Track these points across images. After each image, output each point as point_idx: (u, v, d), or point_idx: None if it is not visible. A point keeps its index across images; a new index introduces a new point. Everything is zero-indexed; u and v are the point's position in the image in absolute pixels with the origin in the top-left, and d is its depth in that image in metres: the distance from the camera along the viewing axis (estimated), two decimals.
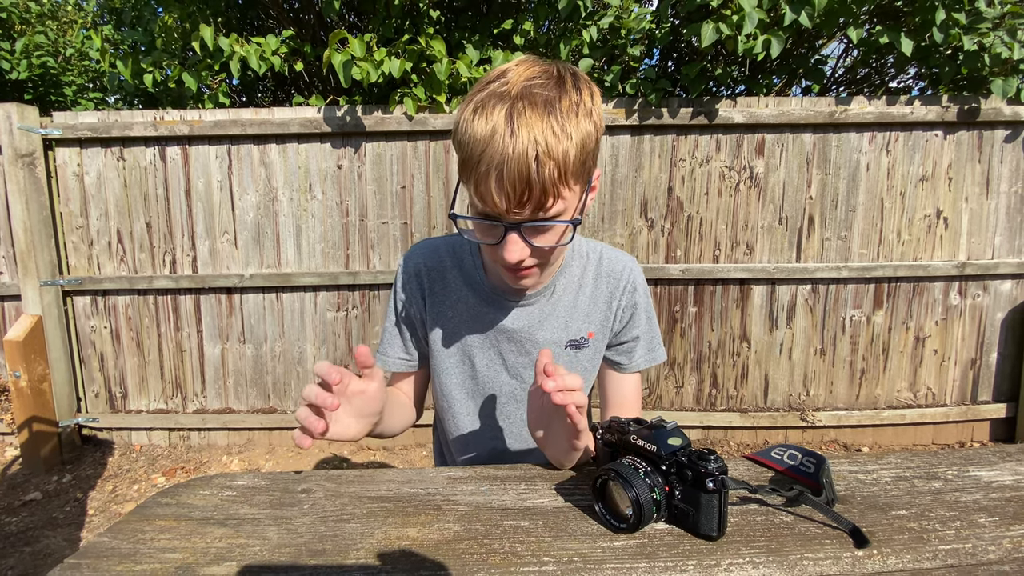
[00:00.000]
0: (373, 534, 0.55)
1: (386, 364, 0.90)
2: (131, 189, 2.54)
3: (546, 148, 0.58)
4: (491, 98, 0.60)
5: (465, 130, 0.61)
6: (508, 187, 0.59)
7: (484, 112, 0.60)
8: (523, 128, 0.58)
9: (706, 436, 2.73)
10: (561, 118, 0.59)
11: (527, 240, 0.65)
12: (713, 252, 2.60)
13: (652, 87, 2.39)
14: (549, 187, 0.60)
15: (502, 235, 0.65)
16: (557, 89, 0.61)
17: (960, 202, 2.55)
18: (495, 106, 0.59)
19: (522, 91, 0.60)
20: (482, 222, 0.66)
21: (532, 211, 0.62)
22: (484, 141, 0.59)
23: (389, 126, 2.47)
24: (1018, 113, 2.44)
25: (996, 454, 0.72)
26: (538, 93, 0.60)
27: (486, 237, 0.69)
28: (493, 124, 0.59)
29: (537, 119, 0.58)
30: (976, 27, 2.22)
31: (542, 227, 0.65)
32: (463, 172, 0.64)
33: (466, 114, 0.62)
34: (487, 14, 2.96)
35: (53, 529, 2.09)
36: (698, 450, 0.54)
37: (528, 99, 0.59)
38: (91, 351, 2.67)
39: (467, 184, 0.64)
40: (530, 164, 0.58)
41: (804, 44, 2.78)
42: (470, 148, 0.61)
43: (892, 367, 2.68)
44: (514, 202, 0.60)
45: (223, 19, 2.98)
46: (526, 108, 0.58)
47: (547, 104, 0.59)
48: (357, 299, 2.64)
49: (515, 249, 0.65)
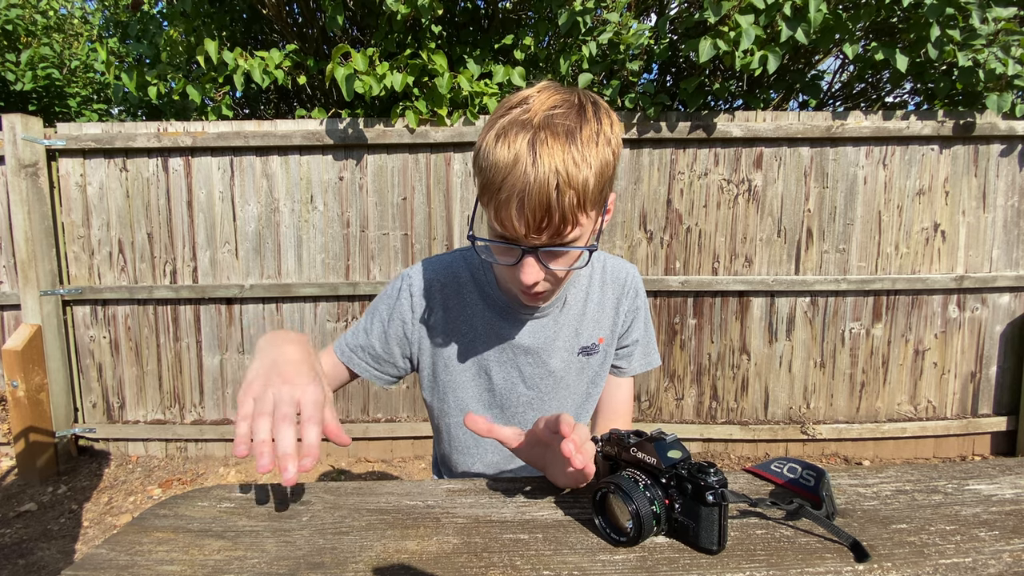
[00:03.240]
0: (372, 547, 0.55)
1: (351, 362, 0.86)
2: (133, 199, 2.56)
3: (566, 177, 0.59)
4: (513, 125, 0.61)
5: (487, 156, 0.62)
6: (528, 214, 0.60)
7: (507, 139, 0.61)
8: (544, 157, 0.59)
9: (706, 449, 2.71)
10: (581, 147, 0.60)
11: (543, 264, 0.66)
12: (712, 264, 2.61)
13: (651, 101, 2.42)
14: (568, 215, 0.61)
15: (519, 258, 0.66)
16: (578, 118, 0.62)
17: (957, 216, 2.57)
18: (517, 134, 0.61)
19: (544, 120, 0.61)
20: (500, 244, 0.67)
21: (550, 237, 0.63)
22: (506, 168, 0.60)
23: (391, 138, 2.49)
24: (1013, 128, 2.46)
25: (996, 467, 0.72)
26: (560, 123, 0.61)
27: (503, 258, 0.70)
28: (515, 152, 0.60)
29: (559, 148, 0.59)
30: (970, 43, 2.25)
31: (558, 252, 0.66)
32: (484, 196, 0.65)
33: (488, 139, 0.63)
34: (488, 29, 3.00)
35: (48, 541, 2.07)
36: (698, 463, 0.54)
37: (550, 128, 0.60)
38: (89, 361, 2.66)
39: (487, 208, 0.65)
40: (550, 192, 0.59)
41: (801, 60, 2.81)
42: (492, 174, 0.62)
43: (892, 380, 2.67)
44: (533, 228, 0.62)
45: (228, 33, 3.02)
46: (548, 137, 0.60)
47: (568, 134, 0.60)
48: (357, 310, 2.64)
49: (531, 272, 0.66)
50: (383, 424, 2.70)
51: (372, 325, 0.86)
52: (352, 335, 0.87)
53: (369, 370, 0.87)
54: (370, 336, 0.86)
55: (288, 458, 0.53)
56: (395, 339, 0.86)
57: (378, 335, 0.86)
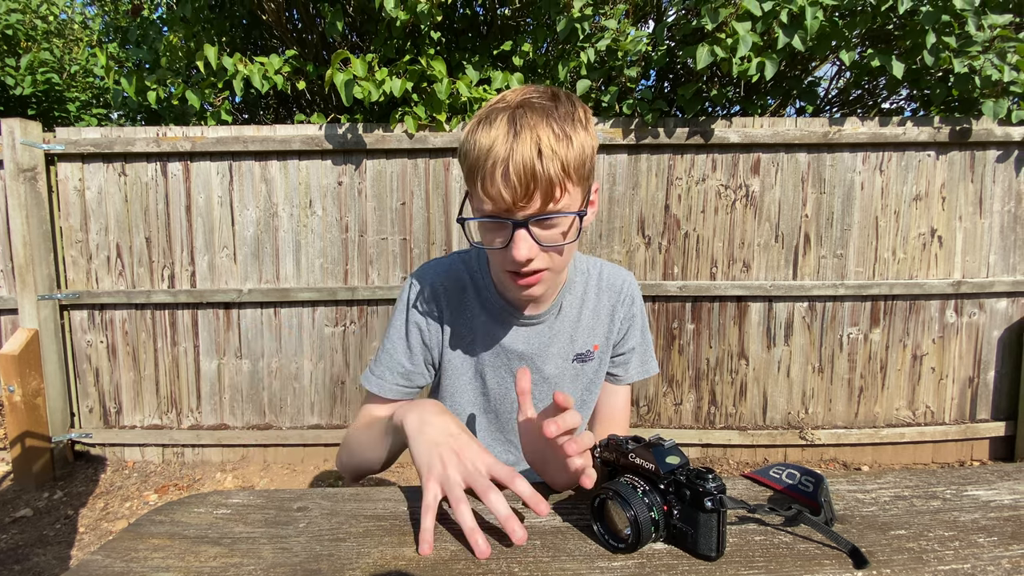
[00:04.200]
0: (369, 553, 0.54)
1: (382, 390, 0.85)
2: (132, 204, 2.56)
3: (549, 145, 0.62)
4: (492, 111, 0.66)
5: (470, 140, 0.66)
6: (515, 179, 0.63)
7: (488, 122, 0.65)
8: (526, 129, 0.63)
9: (705, 454, 2.71)
10: (560, 122, 0.64)
11: (535, 237, 0.67)
12: (710, 269, 2.61)
13: (649, 107, 2.43)
14: (554, 179, 0.63)
15: (510, 234, 0.67)
16: (553, 102, 0.66)
17: (954, 221, 2.58)
18: (498, 115, 0.65)
19: (522, 101, 0.65)
20: (490, 222, 0.68)
21: (540, 206, 0.65)
22: (489, 143, 0.64)
23: (390, 144, 2.50)
24: (1009, 134, 2.48)
25: (994, 473, 0.72)
26: (536, 102, 0.65)
27: (494, 240, 0.70)
28: (497, 130, 0.63)
29: (538, 120, 0.63)
30: (966, 50, 2.27)
31: (549, 221, 0.67)
32: (470, 177, 0.67)
33: (470, 128, 0.68)
34: (487, 36, 3.02)
35: (43, 547, 2.06)
36: (696, 469, 0.54)
37: (528, 107, 0.64)
38: (86, 366, 2.66)
39: (474, 186, 0.67)
40: (534, 158, 0.62)
41: (797, 66, 2.83)
42: (476, 152, 0.65)
43: (890, 385, 2.67)
44: (520, 194, 0.63)
45: (227, 39, 3.03)
46: (527, 113, 0.64)
47: (545, 111, 0.64)
48: (355, 314, 2.64)
49: (524, 246, 0.66)
50: None
51: (394, 344, 0.85)
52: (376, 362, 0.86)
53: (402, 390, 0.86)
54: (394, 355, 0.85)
55: (511, 520, 0.53)
56: (418, 348, 0.85)
57: (403, 351, 0.85)
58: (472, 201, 0.72)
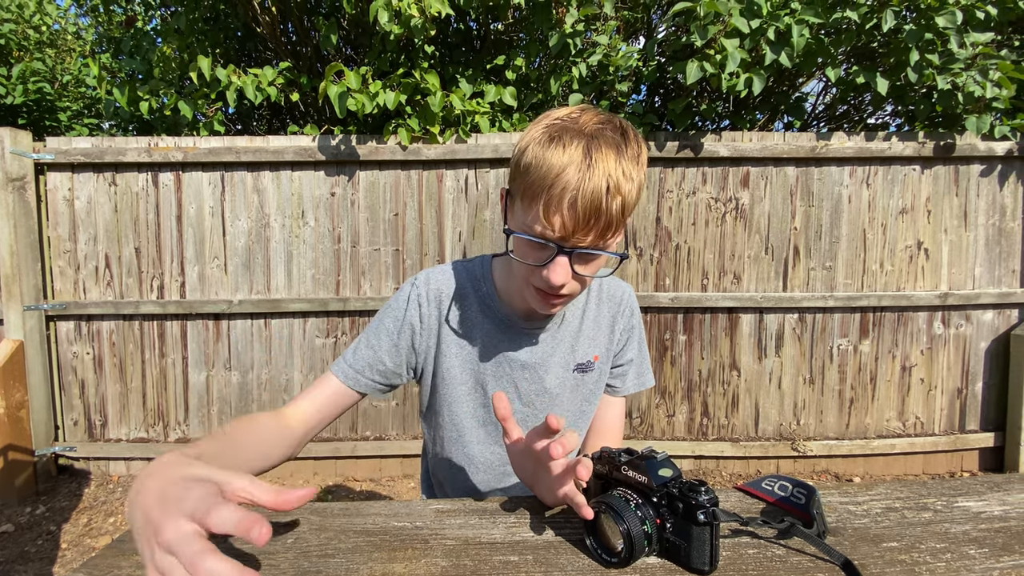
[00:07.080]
0: (359, 570, 0.53)
1: (357, 384, 0.82)
2: (121, 214, 2.54)
3: (616, 184, 0.63)
4: (566, 131, 0.65)
5: (538, 155, 0.65)
6: (580, 212, 0.63)
7: (561, 142, 0.64)
8: (600, 163, 0.63)
9: (698, 466, 2.70)
10: (628, 163, 0.65)
11: (573, 266, 0.68)
12: (702, 281, 2.63)
13: (639, 121, 2.46)
14: (614, 218, 0.64)
15: (550, 258, 0.67)
16: (623, 138, 0.66)
17: (940, 234, 2.62)
18: (572, 138, 0.64)
19: (596, 131, 0.65)
20: (535, 241, 0.68)
21: (593, 239, 0.65)
22: (560, 168, 0.63)
23: (383, 155, 2.50)
24: (992, 149, 2.53)
25: (984, 484, 0.72)
26: (610, 137, 0.65)
27: (531, 256, 0.70)
28: (571, 153, 0.63)
29: (612, 158, 0.64)
30: (949, 67, 2.32)
31: (590, 256, 0.69)
32: (529, 193, 0.66)
33: (537, 140, 0.66)
34: (480, 50, 3.05)
35: (24, 564, 2.00)
36: (689, 481, 0.54)
37: (603, 139, 0.64)
38: (72, 377, 2.61)
39: (532, 205, 0.66)
40: (603, 195, 0.62)
41: (785, 82, 2.88)
42: (544, 171, 0.64)
43: (880, 396, 2.69)
44: (580, 226, 0.64)
45: (221, 50, 3.03)
46: (602, 146, 0.64)
47: (618, 148, 0.65)
48: (347, 325, 2.62)
49: (560, 273, 0.67)
50: (372, 442, 2.66)
51: (379, 339, 0.83)
52: (354, 354, 0.83)
53: (376, 387, 0.84)
54: (378, 351, 0.83)
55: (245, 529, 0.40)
56: (404, 350, 0.84)
57: (387, 348, 0.83)
58: (518, 210, 0.70)
